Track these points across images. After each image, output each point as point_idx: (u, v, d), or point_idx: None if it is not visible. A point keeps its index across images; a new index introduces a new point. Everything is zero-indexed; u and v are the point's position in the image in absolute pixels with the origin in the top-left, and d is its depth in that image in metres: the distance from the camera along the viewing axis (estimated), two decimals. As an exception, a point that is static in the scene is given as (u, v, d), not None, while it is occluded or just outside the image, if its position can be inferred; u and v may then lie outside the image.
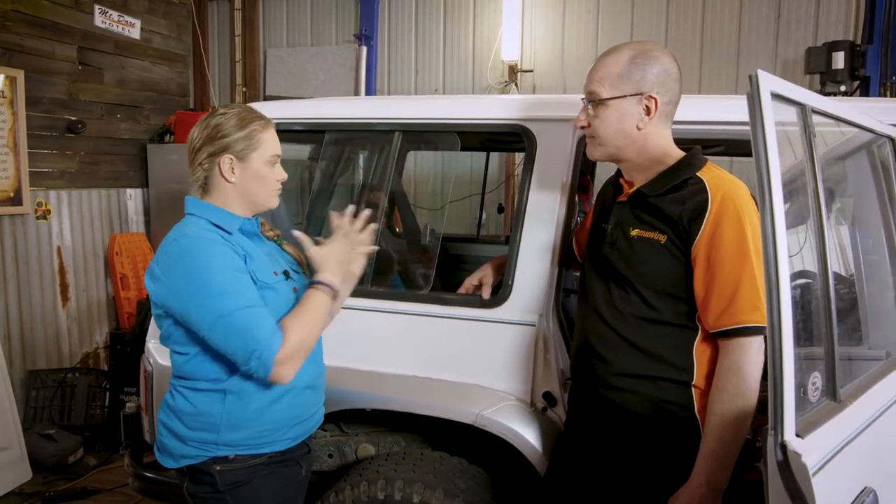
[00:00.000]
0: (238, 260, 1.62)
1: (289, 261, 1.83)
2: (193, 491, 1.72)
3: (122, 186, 5.18)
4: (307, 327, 1.60)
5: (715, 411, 1.51)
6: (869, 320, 1.90)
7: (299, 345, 1.57)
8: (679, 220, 1.57)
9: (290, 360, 1.55)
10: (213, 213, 1.69)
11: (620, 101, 1.62)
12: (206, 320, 1.55)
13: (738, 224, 1.51)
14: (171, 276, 1.60)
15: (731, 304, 1.51)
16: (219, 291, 1.55)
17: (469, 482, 2.05)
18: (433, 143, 2.70)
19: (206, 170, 1.69)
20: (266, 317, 1.56)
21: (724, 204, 1.53)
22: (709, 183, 1.57)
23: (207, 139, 1.67)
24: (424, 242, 3.33)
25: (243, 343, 1.53)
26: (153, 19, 5.41)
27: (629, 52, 1.63)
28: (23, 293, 4.45)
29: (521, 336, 2.05)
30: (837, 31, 4.42)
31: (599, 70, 1.66)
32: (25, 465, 3.89)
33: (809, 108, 1.35)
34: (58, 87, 4.62)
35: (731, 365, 1.51)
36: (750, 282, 1.50)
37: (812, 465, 1.07)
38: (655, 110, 1.61)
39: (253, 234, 1.76)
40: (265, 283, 1.64)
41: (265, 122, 1.72)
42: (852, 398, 1.36)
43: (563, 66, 5.05)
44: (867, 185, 1.96)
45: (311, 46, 5.72)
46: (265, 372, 1.54)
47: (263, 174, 1.70)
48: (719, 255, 1.52)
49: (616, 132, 1.65)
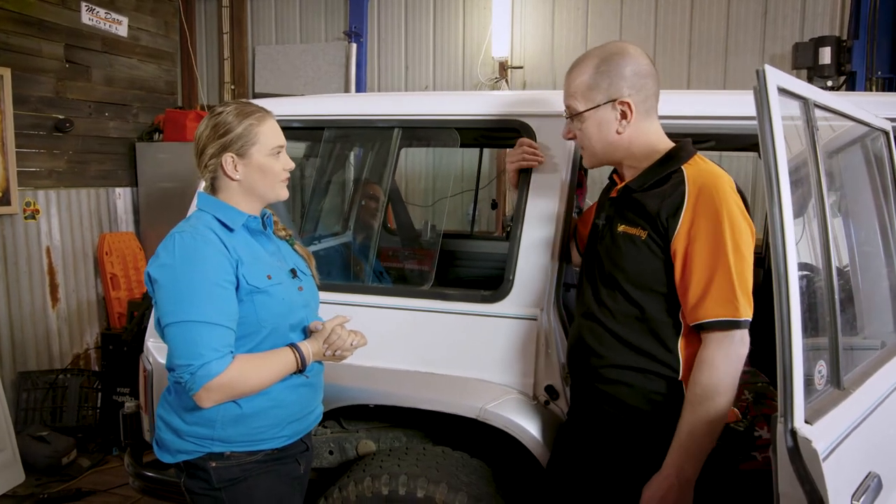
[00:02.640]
0: (226, 270, 1.60)
1: (297, 261, 1.83)
2: (189, 486, 1.73)
3: (111, 185, 5.14)
4: (254, 374, 1.61)
5: (689, 403, 1.53)
6: (864, 311, 1.93)
7: (235, 381, 1.57)
8: (657, 215, 1.58)
9: (218, 390, 1.55)
10: (219, 210, 1.69)
11: (595, 112, 1.65)
12: (166, 318, 1.57)
13: (716, 217, 1.51)
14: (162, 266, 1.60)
15: (706, 297, 1.51)
16: (188, 297, 1.55)
17: (472, 476, 2.07)
18: (432, 139, 2.70)
19: (212, 171, 1.70)
20: (220, 338, 1.56)
21: (701, 197, 1.53)
22: (688, 177, 1.57)
23: (208, 140, 1.68)
24: (425, 238, 3.34)
25: (184, 353, 1.54)
26: (140, 17, 5.36)
27: (593, 62, 1.65)
28: (12, 294, 4.40)
29: (522, 330, 2.07)
30: (824, 26, 4.48)
31: (570, 85, 1.69)
32: (18, 468, 3.86)
33: (812, 102, 1.37)
34: (45, 86, 4.57)
35: (705, 358, 1.52)
36: (724, 275, 1.50)
37: (822, 450, 1.10)
38: (632, 113, 1.63)
39: (258, 232, 1.75)
40: (255, 287, 1.63)
41: (262, 115, 1.71)
42: (855, 386, 1.38)
43: (552, 62, 5.07)
44: (861, 178, 1.99)
45: (301, 43, 5.69)
46: (192, 388, 1.54)
47: (267, 167, 1.70)
48: (696, 248, 1.53)
49: (599, 141, 1.68)
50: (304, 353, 1.69)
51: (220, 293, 1.58)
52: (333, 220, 3.34)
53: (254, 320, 1.64)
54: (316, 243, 3.05)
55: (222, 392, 1.57)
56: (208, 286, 1.57)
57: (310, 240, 2.98)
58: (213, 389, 1.54)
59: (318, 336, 1.73)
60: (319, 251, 3.01)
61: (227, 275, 1.61)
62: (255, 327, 1.65)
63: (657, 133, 1.69)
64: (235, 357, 1.58)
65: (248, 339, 1.65)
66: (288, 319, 1.70)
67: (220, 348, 1.55)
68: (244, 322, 1.63)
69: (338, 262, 3.06)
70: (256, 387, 1.62)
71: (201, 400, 1.56)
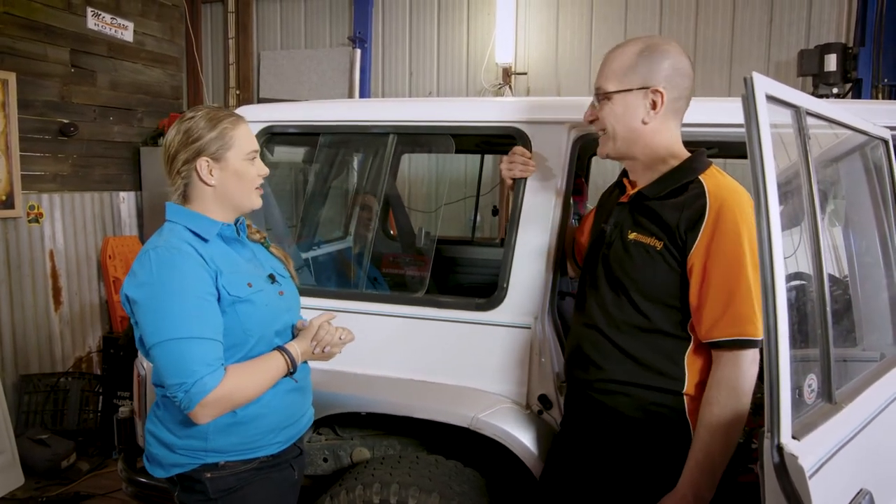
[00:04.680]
0: (207, 283, 1.57)
1: (274, 265, 1.80)
2: (184, 500, 1.70)
3: (115, 189, 5.16)
4: (249, 383, 1.58)
5: (704, 422, 1.50)
6: (863, 322, 1.90)
7: (231, 393, 1.54)
8: (676, 228, 1.55)
9: (214, 405, 1.52)
10: (191, 220, 1.65)
11: (625, 95, 1.60)
12: (151, 338, 1.53)
13: (736, 234, 1.49)
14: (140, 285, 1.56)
15: (724, 315, 1.49)
16: (171, 314, 1.51)
17: (464, 485, 2.05)
18: (428, 145, 2.69)
19: (185, 177, 1.65)
20: (210, 352, 1.53)
21: (722, 213, 1.50)
22: (709, 190, 1.54)
23: (181, 145, 1.63)
24: (419, 245, 3.33)
25: (175, 372, 1.50)
26: (146, 22, 5.39)
27: (638, 46, 1.61)
28: (15, 297, 4.42)
29: (516, 339, 2.05)
30: (829, 33, 4.45)
31: (608, 65, 1.64)
32: (18, 471, 3.87)
33: (804, 110, 1.35)
34: (50, 90, 4.60)
35: (722, 377, 1.50)
36: (745, 293, 1.48)
37: (808, 467, 1.07)
38: (662, 105, 1.58)
39: (233, 239, 1.71)
40: (237, 297, 1.61)
41: (235, 119, 1.68)
42: (848, 400, 1.36)
43: (556, 68, 5.05)
44: (860, 187, 1.96)
45: (305, 49, 5.71)
46: (187, 406, 1.51)
47: (242, 172, 1.66)
48: (715, 265, 1.50)
49: (622, 125, 1.62)
50: (293, 353, 1.67)
51: (203, 306, 1.55)
52: (331, 225, 3.33)
53: (239, 331, 1.62)
54: (315, 249, 3.04)
55: (219, 406, 1.53)
56: (191, 300, 1.53)
57: (308, 245, 2.98)
58: (210, 405, 1.51)
59: (306, 334, 1.71)
60: (318, 257, 3.01)
61: (209, 287, 1.57)
62: (242, 337, 1.62)
63: (677, 138, 1.66)
64: (227, 368, 1.56)
65: (236, 349, 1.63)
66: (273, 326, 1.68)
67: (212, 362, 1.52)
68: (230, 333, 1.60)
69: (333, 269, 3.05)
70: (252, 395, 1.60)
71: (198, 417, 1.52)
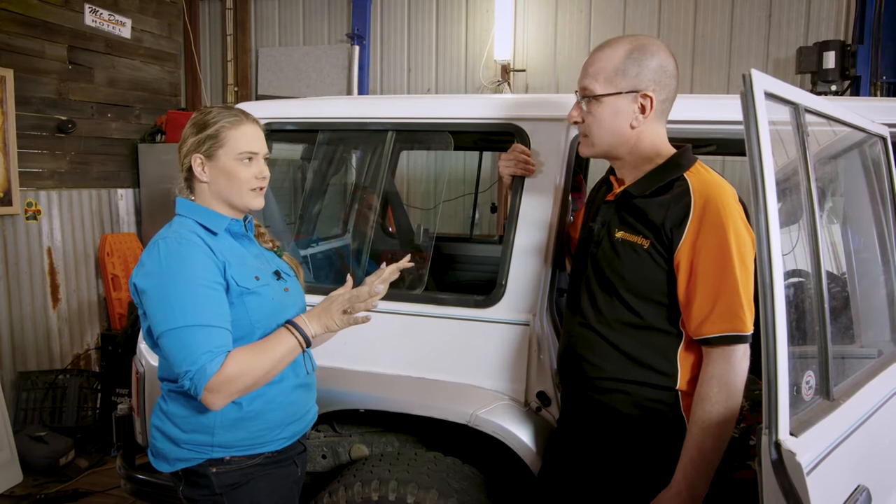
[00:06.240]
0: (214, 272, 1.58)
1: (280, 265, 1.82)
2: (189, 494, 1.70)
3: (113, 186, 5.15)
4: (255, 364, 1.55)
5: (696, 419, 1.50)
6: (861, 319, 1.90)
7: (236, 376, 1.52)
8: (662, 226, 1.54)
9: (221, 389, 1.50)
10: (200, 214, 1.67)
11: (615, 99, 1.58)
12: (159, 327, 1.54)
13: (721, 230, 1.48)
14: (148, 275, 1.57)
15: (712, 312, 1.49)
16: (179, 303, 1.52)
17: (463, 482, 2.05)
18: (426, 142, 2.69)
19: (186, 168, 1.69)
20: (214, 339, 1.52)
21: (707, 210, 1.49)
22: (693, 186, 1.53)
23: (188, 135, 1.68)
24: (418, 242, 3.33)
25: (182, 360, 1.51)
26: (144, 18, 5.37)
27: (626, 47, 1.58)
28: (13, 294, 4.42)
29: (514, 336, 2.05)
30: (828, 31, 4.45)
31: (594, 64, 1.61)
32: (16, 468, 3.87)
33: (802, 107, 1.35)
34: (48, 87, 4.59)
35: (713, 373, 1.50)
36: (732, 289, 1.47)
37: (806, 463, 1.07)
38: (651, 109, 1.57)
39: (240, 235, 1.73)
40: (245, 288, 1.62)
41: (237, 120, 1.68)
42: (845, 397, 1.36)
43: (555, 65, 5.05)
44: (859, 185, 1.96)
45: (304, 46, 5.70)
46: (196, 393, 1.51)
47: (232, 172, 1.66)
48: (701, 261, 1.49)
49: (609, 130, 1.61)
50: (301, 325, 1.63)
51: (210, 294, 1.56)
52: (330, 223, 3.33)
53: (246, 322, 1.63)
54: (313, 246, 3.04)
55: (227, 389, 1.51)
56: (198, 289, 1.54)
57: (306, 242, 2.97)
58: (215, 389, 1.50)
59: (323, 303, 1.67)
60: (316, 254, 3.01)
61: (216, 276, 1.58)
62: (249, 329, 1.63)
63: (663, 137, 1.65)
64: (231, 352, 1.54)
65: (243, 341, 1.62)
66: (278, 319, 1.68)
67: (214, 349, 1.51)
68: (237, 324, 1.61)
69: (331, 266, 3.05)
70: (262, 376, 1.57)
71: (209, 403, 1.51)
